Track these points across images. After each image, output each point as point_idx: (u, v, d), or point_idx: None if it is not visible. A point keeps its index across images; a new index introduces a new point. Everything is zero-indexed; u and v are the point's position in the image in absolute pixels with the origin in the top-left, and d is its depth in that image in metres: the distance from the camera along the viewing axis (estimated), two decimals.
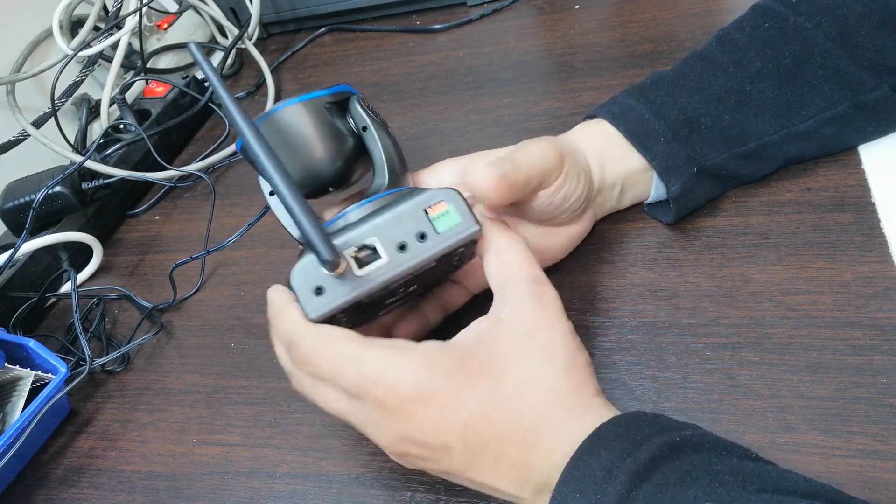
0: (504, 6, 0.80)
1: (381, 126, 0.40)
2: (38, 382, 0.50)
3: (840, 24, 0.44)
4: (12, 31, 0.74)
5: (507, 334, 0.32)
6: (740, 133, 0.44)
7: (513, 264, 0.34)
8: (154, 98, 0.78)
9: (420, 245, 0.33)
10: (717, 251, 0.45)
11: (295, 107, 0.38)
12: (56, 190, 0.63)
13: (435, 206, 0.33)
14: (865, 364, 0.37)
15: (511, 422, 0.30)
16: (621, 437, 0.29)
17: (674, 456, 0.28)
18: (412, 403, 0.30)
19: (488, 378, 0.31)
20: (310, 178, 0.39)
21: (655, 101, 0.45)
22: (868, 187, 0.45)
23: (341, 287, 0.32)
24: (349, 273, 0.32)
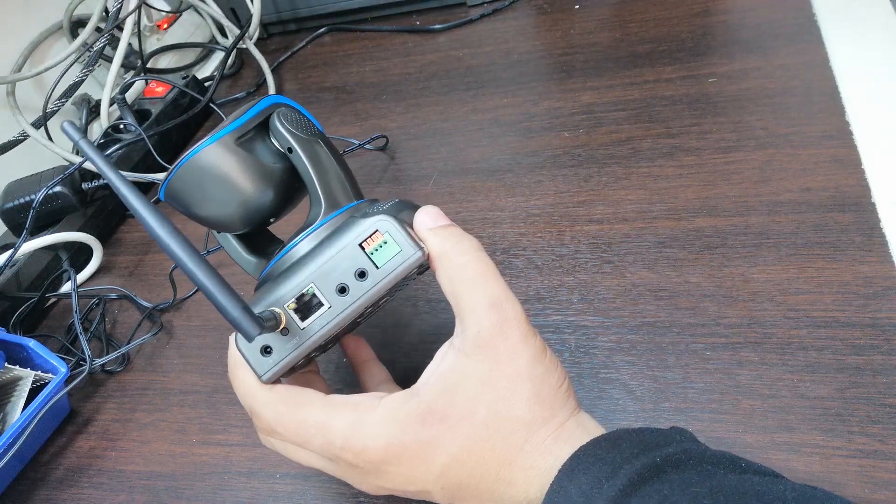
0: (504, 6, 0.80)
1: (308, 143, 0.36)
2: (38, 382, 0.50)
3: None
4: (12, 31, 0.74)
5: (470, 374, 0.30)
6: None
7: (466, 285, 0.31)
8: (154, 98, 0.78)
9: (361, 284, 0.31)
10: (717, 251, 0.45)
11: (208, 149, 0.35)
12: (56, 190, 0.63)
13: (370, 238, 0.31)
14: (865, 364, 0.37)
15: (484, 463, 0.30)
16: (601, 459, 0.28)
17: (653, 478, 0.27)
18: (383, 464, 0.30)
19: (455, 424, 0.30)
20: (243, 217, 0.36)
21: None
22: (868, 187, 0.45)
23: (288, 343, 0.31)
24: (293, 327, 0.31)
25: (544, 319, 0.45)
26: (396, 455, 0.30)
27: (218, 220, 0.36)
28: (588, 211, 0.51)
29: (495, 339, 0.30)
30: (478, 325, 0.30)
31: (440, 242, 0.32)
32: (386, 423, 0.30)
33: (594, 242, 0.49)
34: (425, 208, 0.34)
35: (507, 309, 0.30)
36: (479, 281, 0.31)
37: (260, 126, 0.36)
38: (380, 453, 0.30)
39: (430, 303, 0.49)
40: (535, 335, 0.31)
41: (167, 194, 0.36)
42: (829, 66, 0.56)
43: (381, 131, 0.66)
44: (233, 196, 0.35)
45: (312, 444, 0.31)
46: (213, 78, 0.83)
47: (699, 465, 0.28)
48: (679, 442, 0.29)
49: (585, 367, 0.42)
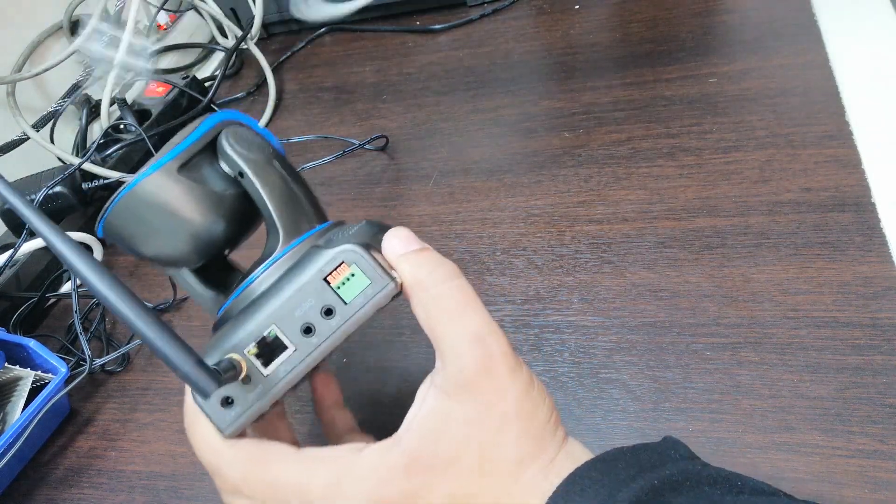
0: (504, 6, 0.80)
1: (260, 166, 0.32)
2: (39, 382, 0.50)
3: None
4: (12, 31, 0.74)
5: (454, 416, 0.28)
6: None
7: (445, 318, 0.28)
8: (154, 98, 0.78)
9: (329, 323, 0.28)
10: (717, 251, 0.45)
11: (148, 180, 0.31)
12: (56, 190, 0.63)
13: (336, 271, 0.28)
14: (865, 364, 0.37)
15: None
16: (597, 483, 0.27)
17: (651, 501, 0.26)
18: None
19: (443, 472, 0.28)
20: (194, 252, 0.33)
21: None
22: (868, 187, 0.45)
23: (251, 392, 0.28)
24: (256, 375, 0.28)
25: (544, 319, 0.45)
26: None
27: (166, 257, 0.33)
28: (588, 211, 0.51)
29: (480, 378, 0.28)
30: (460, 362, 0.28)
31: (413, 270, 0.29)
32: (369, 480, 0.27)
33: (594, 242, 0.49)
34: (395, 230, 0.30)
35: (491, 343, 0.28)
36: (459, 313, 0.28)
37: (207, 148, 0.32)
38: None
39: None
40: (521, 367, 0.29)
41: (106, 231, 0.33)
42: (829, 66, 0.56)
43: (381, 131, 0.66)
44: (180, 230, 0.32)
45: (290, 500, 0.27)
46: (213, 78, 0.83)
47: (697, 486, 0.27)
48: (675, 461, 0.28)
49: (585, 367, 0.42)
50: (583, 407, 0.40)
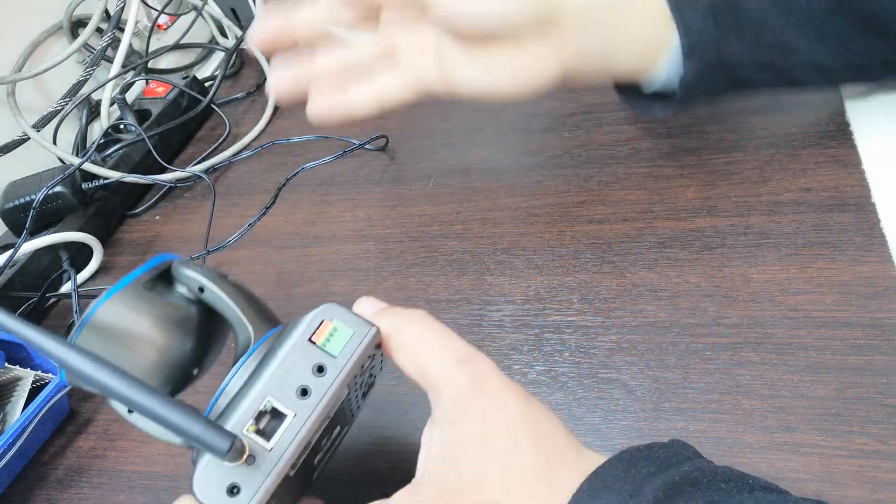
0: None
1: (217, 278, 0.34)
2: (38, 382, 0.50)
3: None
4: (12, 31, 0.74)
5: (465, 439, 0.28)
6: (773, 40, 0.39)
7: (428, 354, 0.29)
8: (154, 98, 0.78)
9: (322, 380, 0.28)
10: (717, 251, 0.45)
11: (113, 300, 0.32)
12: (56, 190, 0.63)
13: (318, 330, 0.29)
14: (865, 364, 0.37)
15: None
16: (620, 480, 0.27)
17: (676, 496, 0.26)
18: None
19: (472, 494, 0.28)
20: (165, 372, 0.33)
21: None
22: (868, 187, 0.45)
23: (257, 472, 0.27)
24: (259, 451, 0.28)
25: (544, 319, 0.45)
26: None
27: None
28: (588, 211, 0.51)
29: (477, 396, 0.29)
30: (454, 386, 0.29)
31: (388, 320, 0.30)
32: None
33: (594, 242, 0.49)
34: (361, 300, 0.32)
35: (478, 361, 0.29)
36: (441, 343, 0.30)
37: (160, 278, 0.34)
38: None
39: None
40: (512, 383, 0.30)
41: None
42: None
43: (381, 131, 0.66)
44: (153, 345, 0.32)
45: None
46: (213, 78, 0.83)
47: (713, 482, 0.27)
48: (690, 459, 0.29)
49: (585, 367, 0.42)
50: (583, 407, 0.40)
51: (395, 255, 0.54)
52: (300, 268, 0.56)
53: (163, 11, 0.83)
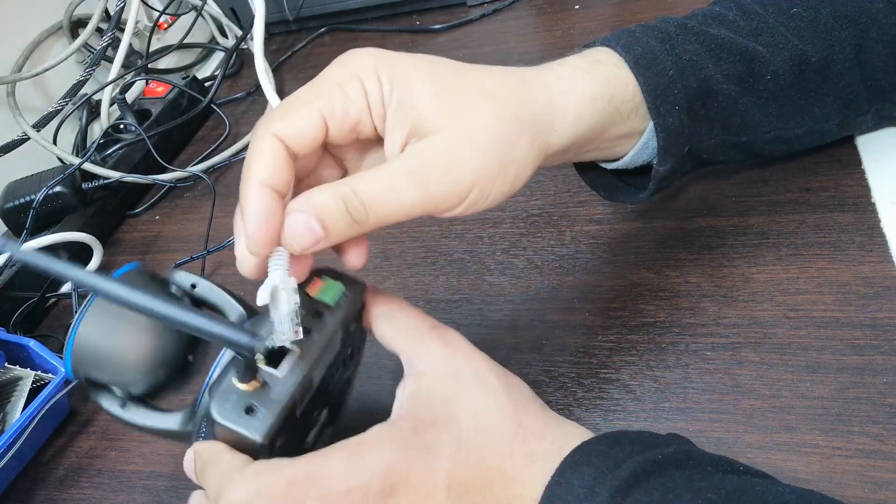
0: (504, 6, 0.80)
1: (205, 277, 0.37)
2: (39, 382, 0.50)
3: (861, 35, 0.40)
4: (12, 31, 0.74)
5: (436, 384, 0.31)
6: (740, 122, 0.40)
7: (403, 321, 0.33)
8: (154, 98, 0.78)
9: (322, 322, 0.31)
10: (717, 251, 0.45)
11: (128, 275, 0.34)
12: (56, 190, 0.63)
13: (311, 285, 0.32)
14: (865, 364, 0.37)
15: (486, 461, 0.29)
16: (603, 454, 0.29)
17: (656, 473, 0.27)
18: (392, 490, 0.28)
19: (445, 429, 0.29)
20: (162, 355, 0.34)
21: (682, 57, 0.37)
22: (868, 187, 0.45)
23: (270, 396, 0.29)
24: (271, 379, 0.30)
25: (544, 319, 0.45)
26: (402, 474, 0.28)
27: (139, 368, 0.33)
28: (588, 211, 0.51)
29: (448, 349, 0.32)
30: (425, 346, 0.32)
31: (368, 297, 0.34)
32: (382, 447, 0.28)
33: (594, 242, 0.49)
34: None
35: (448, 329, 0.33)
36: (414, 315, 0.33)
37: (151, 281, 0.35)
38: (386, 479, 0.28)
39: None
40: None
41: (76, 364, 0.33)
42: None
43: None
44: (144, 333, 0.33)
45: (312, 498, 0.27)
46: (213, 78, 0.83)
47: (699, 465, 0.28)
48: (679, 444, 0.30)
49: (585, 367, 0.42)
50: (583, 407, 0.40)
51: (395, 255, 0.54)
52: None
53: (163, 12, 0.83)
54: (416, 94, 0.30)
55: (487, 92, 0.31)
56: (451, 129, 0.30)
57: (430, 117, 0.30)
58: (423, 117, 0.30)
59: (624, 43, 0.36)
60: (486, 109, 0.31)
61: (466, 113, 0.30)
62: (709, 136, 0.40)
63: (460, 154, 0.30)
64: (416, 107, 0.30)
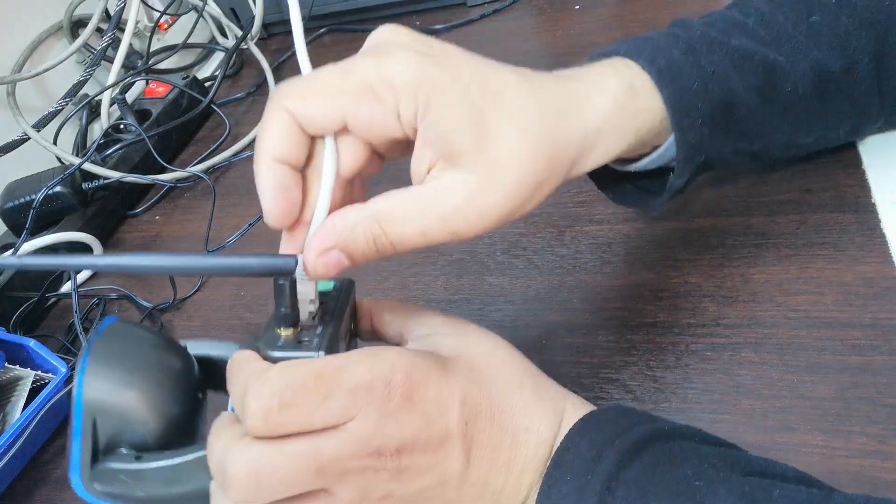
0: (504, 6, 0.80)
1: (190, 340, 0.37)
2: (39, 382, 0.50)
3: (880, 42, 0.39)
4: (12, 31, 0.74)
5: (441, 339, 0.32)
6: (757, 132, 0.40)
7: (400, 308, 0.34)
8: (154, 98, 0.78)
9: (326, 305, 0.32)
10: (717, 251, 0.45)
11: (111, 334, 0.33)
12: (56, 190, 0.63)
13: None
14: (865, 364, 0.37)
15: (494, 386, 0.30)
16: (611, 421, 0.30)
17: (664, 439, 0.29)
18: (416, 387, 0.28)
19: (456, 360, 0.31)
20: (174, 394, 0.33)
21: (707, 70, 0.36)
22: (868, 187, 0.45)
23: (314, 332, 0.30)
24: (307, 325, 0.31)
25: (544, 319, 0.45)
26: (422, 376, 0.28)
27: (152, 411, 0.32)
28: (588, 211, 0.51)
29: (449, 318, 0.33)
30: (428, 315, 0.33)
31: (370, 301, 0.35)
32: (402, 352, 0.29)
33: (594, 242, 0.49)
34: None
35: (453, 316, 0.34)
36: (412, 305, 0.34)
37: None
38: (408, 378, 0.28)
39: None
40: None
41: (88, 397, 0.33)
42: None
43: None
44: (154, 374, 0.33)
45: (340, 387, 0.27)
46: (213, 78, 0.83)
47: (704, 438, 0.30)
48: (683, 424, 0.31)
49: (585, 367, 0.42)
50: None
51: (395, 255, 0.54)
52: None
53: (164, 12, 0.83)
54: (451, 122, 0.29)
55: (526, 130, 0.30)
56: (485, 168, 0.29)
57: (464, 148, 0.29)
58: (456, 148, 0.29)
59: (648, 55, 0.35)
60: (524, 150, 0.30)
61: (502, 151, 0.29)
62: (724, 145, 0.39)
63: (492, 200, 0.30)
64: (449, 136, 0.29)
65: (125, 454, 0.33)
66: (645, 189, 0.41)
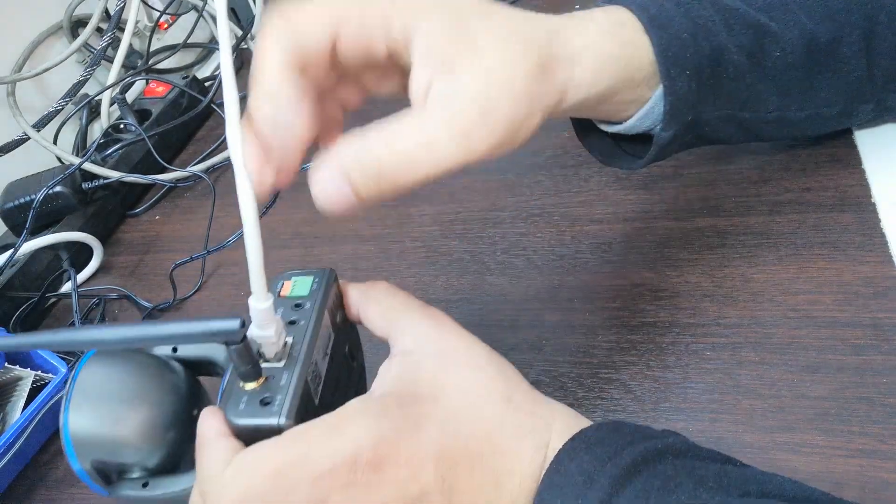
0: None
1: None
2: (39, 382, 0.50)
3: (871, 21, 0.39)
4: (12, 31, 0.74)
5: (424, 360, 0.30)
6: (746, 97, 0.39)
7: (388, 302, 0.32)
8: (154, 98, 0.78)
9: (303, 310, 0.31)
10: (717, 251, 0.45)
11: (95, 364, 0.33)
12: (56, 190, 0.63)
13: (282, 288, 0.33)
14: (865, 364, 0.37)
15: (473, 432, 0.29)
16: (602, 441, 0.28)
17: (656, 461, 0.27)
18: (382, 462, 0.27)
19: (432, 403, 0.29)
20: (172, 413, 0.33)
21: (697, 21, 0.36)
22: (868, 187, 0.45)
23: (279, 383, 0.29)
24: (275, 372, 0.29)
25: (544, 320, 0.45)
26: (391, 445, 0.27)
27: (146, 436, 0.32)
28: (588, 211, 0.51)
29: (435, 329, 0.31)
30: (412, 322, 0.31)
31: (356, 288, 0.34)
32: (366, 418, 0.28)
33: (594, 242, 0.49)
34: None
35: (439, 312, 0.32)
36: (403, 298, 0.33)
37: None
38: (375, 451, 0.27)
39: None
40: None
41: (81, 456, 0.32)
42: None
43: None
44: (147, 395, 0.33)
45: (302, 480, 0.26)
46: (213, 78, 0.83)
47: (698, 456, 0.28)
48: (675, 436, 0.30)
49: (585, 367, 0.42)
50: (583, 407, 0.40)
51: (395, 255, 0.54)
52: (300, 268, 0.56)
53: (164, 12, 0.83)
54: (446, 32, 0.28)
55: (516, 32, 0.30)
56: (484, 69, 0.28)
57: (459, 52, 0.28)
58: (451, 52, 0.28)
59: (639, 2, 0.36)
60: (517, 50, 0.29)
61: (497, 52, 0.29)
62: (714, 107, 0.39)
63: (496, 97, 0.28)
64: (441, 42, 0.28)
65: (134, 479, 0.33)
66: (633, 154, 0.41)
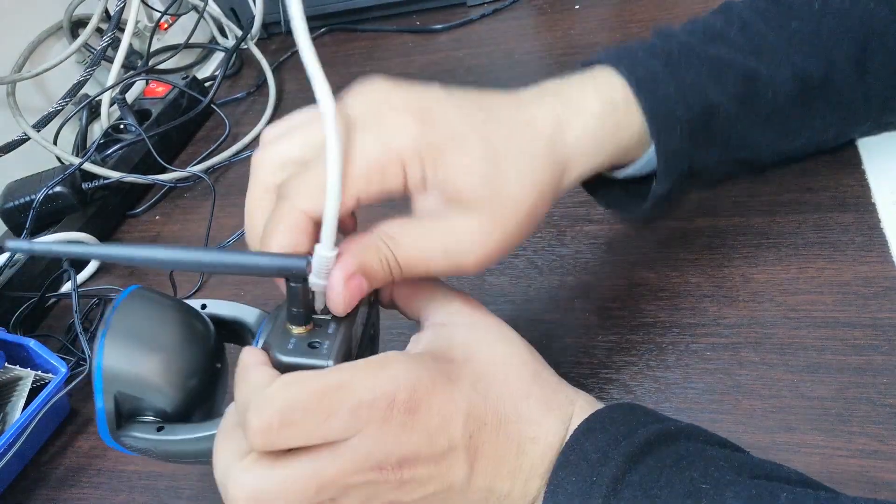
0: (504, 6, 0.80)
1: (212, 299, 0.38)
2: (39, 382, 0.50)
3: (861, 47, 0.39)
4: (12, 31, 0.74)
5: (455, 331, 0.32)
6: (740, 141, 0.40)
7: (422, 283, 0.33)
8: (154, 98, 0.78)
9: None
10: (717, 251, 0.45)
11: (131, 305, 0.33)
12: (56, 190, 0.63)
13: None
14: (865, 364, 0.37)
15: (503, 398, 0.30)
16: (617, 421, 0.30)
17: (669, 441, 0.29)
18: (418, 404, 0.28)
19: (464, 365, 0.30)
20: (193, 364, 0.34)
21: (685, 80, 0.37)
22: (868, 187, 0.45)
23: (327, 331, 0.30)
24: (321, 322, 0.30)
25: (544, 319, 0.45)
26: (426, 392, 0.28)
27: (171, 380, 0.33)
28: (588, 211, 0.51)
29: (468, 306, 0.33)
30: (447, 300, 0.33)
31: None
32: (406, 363, 0.29)
33: (594, 242, 0.49)
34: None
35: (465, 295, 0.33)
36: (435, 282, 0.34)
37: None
38: (411, 394, 0.28)
39: None
40: None
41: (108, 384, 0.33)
42: None
43: None
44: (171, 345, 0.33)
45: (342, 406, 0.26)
46: (213, 78, 0.83)
47: (709, 440, 0.30)
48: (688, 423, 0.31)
49: (585, 367, 0.42)
50: None
51: None
52: None
53: (165, 13, 0.83)
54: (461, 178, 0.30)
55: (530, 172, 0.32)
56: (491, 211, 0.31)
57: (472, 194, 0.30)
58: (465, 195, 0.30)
59: (627, 64, 0.36)
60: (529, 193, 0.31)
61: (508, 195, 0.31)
62: (708, 156, 0.39)
63: (496, 240, 0.31)
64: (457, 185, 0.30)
65: (148, 422, 0.34)
66: (635, 193, 0.41)
